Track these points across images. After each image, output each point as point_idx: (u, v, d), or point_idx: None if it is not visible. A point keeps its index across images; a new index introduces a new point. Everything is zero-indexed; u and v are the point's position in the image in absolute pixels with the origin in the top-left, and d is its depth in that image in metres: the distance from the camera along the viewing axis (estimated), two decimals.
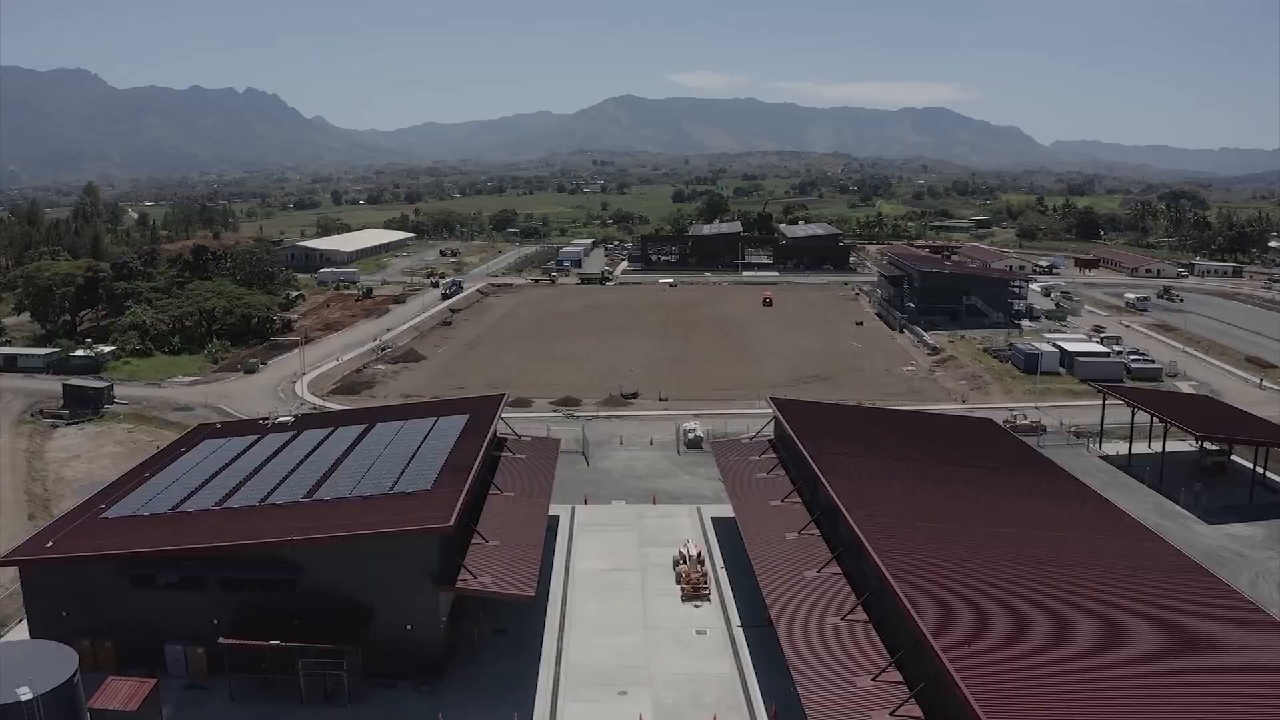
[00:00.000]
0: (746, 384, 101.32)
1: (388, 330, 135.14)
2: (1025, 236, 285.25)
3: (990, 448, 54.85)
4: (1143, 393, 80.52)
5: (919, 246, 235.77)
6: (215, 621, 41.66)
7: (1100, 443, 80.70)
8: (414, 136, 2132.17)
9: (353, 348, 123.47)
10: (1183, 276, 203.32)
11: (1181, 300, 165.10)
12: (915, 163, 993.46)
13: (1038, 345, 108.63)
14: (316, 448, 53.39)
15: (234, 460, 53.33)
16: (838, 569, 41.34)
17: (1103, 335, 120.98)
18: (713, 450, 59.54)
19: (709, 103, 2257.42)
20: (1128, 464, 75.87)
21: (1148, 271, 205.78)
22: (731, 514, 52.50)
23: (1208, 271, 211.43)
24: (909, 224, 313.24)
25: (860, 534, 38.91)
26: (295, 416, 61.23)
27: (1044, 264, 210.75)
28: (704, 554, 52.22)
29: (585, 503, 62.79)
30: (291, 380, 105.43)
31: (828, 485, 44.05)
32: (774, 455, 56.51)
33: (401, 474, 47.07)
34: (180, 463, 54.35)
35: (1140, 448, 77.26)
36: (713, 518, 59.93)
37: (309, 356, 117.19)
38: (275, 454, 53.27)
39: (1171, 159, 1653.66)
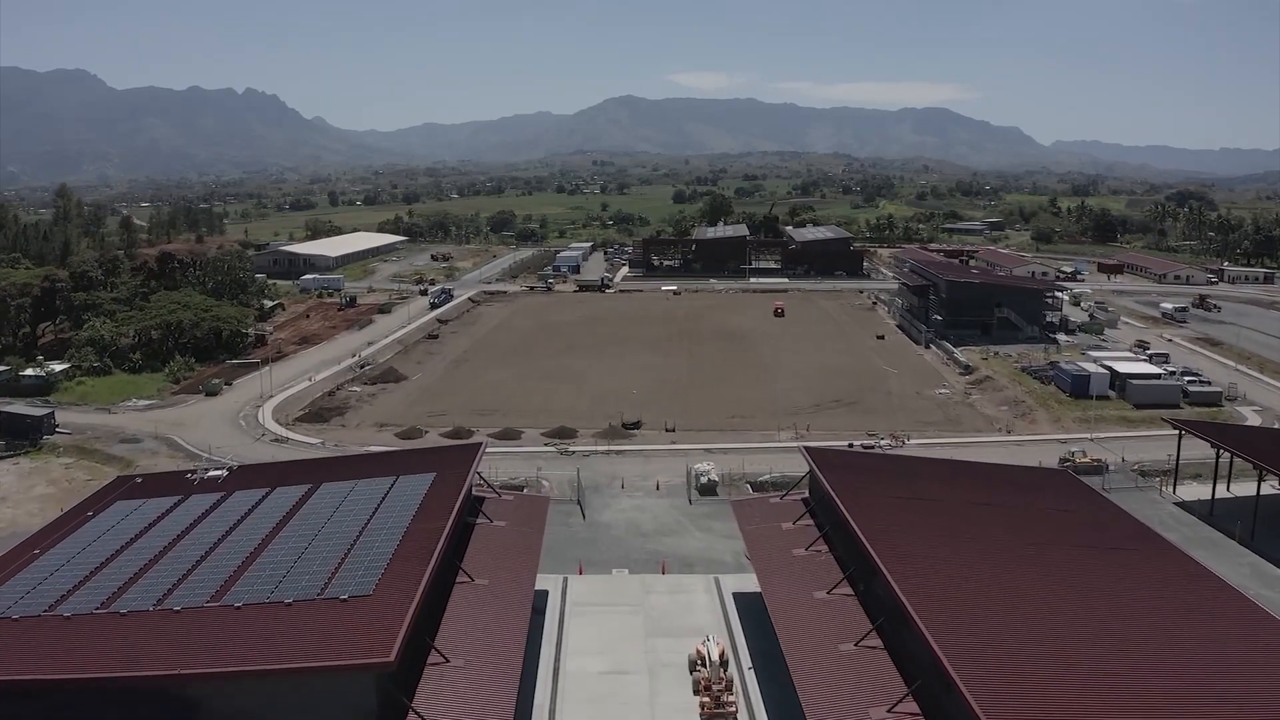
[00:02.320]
0: (762, 409, 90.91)
1: (369, 344, 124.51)
2: (1041, 239, 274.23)
3: (1082, 516, 44.37)
4: (1227, 430, 69.87)
5: (933, 250, 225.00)
6: None
7: (1174, 486, 70.38)
8: (413, 137, 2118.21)
9: (329, 364, 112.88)
10: (1213, 283, 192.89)
11: (1219, 310, 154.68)
12: (916, 163, 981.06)
13: (1085, 365, 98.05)
14: (243, 519, 42.91)
15: (142, 534, 42.88)
16: (915, 707, 30.85)
17: (1151, 353, 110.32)
18: (734, 512, 49.05)
19: (709, 103, 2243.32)
20: (1210, 512, 65.59)
21: (1176, 278, 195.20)
22: (757, 588, 42.43)
23: (1238, 278, 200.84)
24: (920, 226, 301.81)
25: (951, 671, 28.44)
26: (229, 470, 50.74)
27: (1068, 269, 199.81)
28: (727, 652, 41.75)
29: (580, 572, 52.26)
30: (256, 404, 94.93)
31: (896, 587, 33.59)
32: (812, 523, 45.97)
33: (341, 564, 36.59)
34: (78, 536, 43.88)
35: (1218, 489, 67.18)
36: (734, 593, 49.47)
37: (280, 375, 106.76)
38: (192, 526, 42.82)
39: (1171, 159, 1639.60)
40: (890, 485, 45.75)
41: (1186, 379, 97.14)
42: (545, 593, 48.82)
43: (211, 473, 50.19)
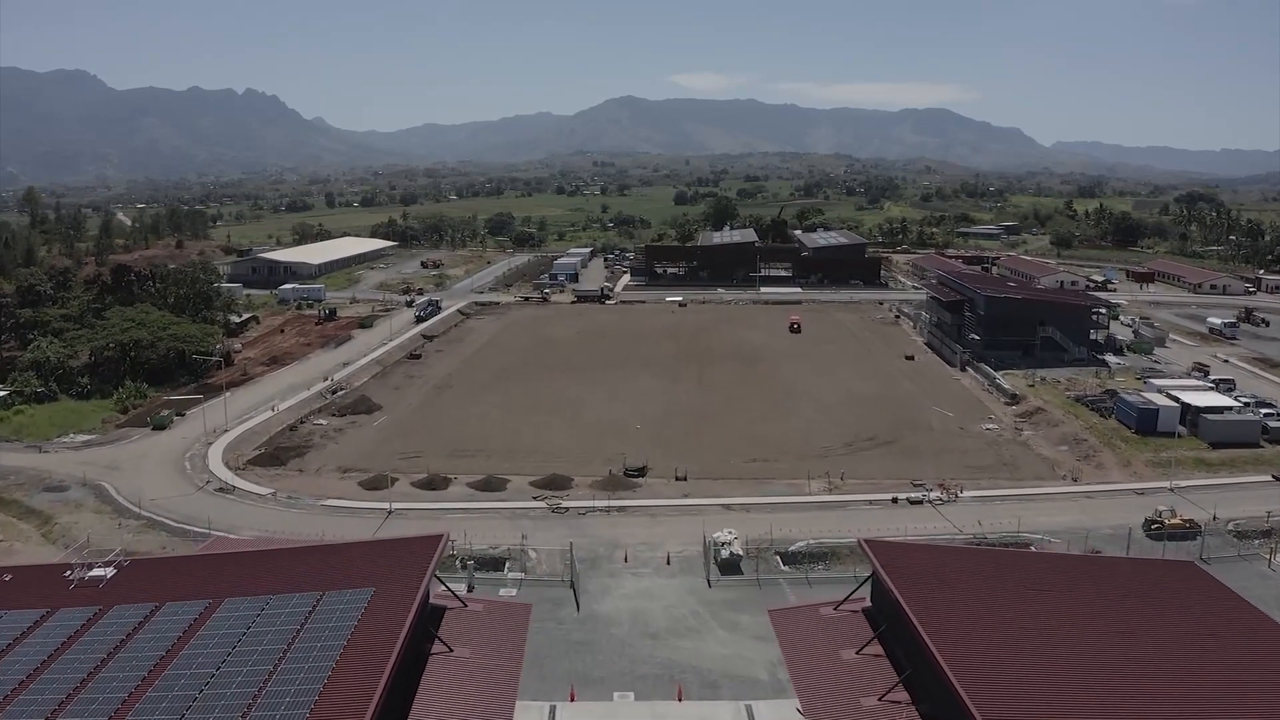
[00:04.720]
0: (786, 449, 79.24)
1: (344, 365, 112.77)
2: (1061, 245, 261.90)
3: (1240, 640, 32.78)
4: None
5: (952, 257, 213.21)
6: None
7: None
8: (414, 138, 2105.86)
9: (297, 389, 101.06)
10: (1251, 292, 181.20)
11: (1268, 324, 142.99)
12: (918, 164, 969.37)
13: (1150, 396, 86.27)
14: (111, 655, 31.31)
15: None
16: None
17: (1216, 379, 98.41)
18: (774, 628, 37.39)
19: (709, 103, 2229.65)
20: None
21: (1212, 287, 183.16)
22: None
23: (1276, 287, 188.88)
24: (932, 230, 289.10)
25: None
26: (116, 567, 39.16)
27: (1098, 279, 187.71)
28: None
29: (571, 698, 40.53)
30: (208, 440, 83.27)
31: None
32: (881, 651, 34.36)
33: None
34: None
35: None
36: None
37: (242, 402, 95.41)
38: (43, 667, 31.18)
39: (1173, 160, 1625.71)
40: (988, 604, 34.07)
41: (1265, 412, 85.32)
42: None
43: (94, 571, 38.55)
